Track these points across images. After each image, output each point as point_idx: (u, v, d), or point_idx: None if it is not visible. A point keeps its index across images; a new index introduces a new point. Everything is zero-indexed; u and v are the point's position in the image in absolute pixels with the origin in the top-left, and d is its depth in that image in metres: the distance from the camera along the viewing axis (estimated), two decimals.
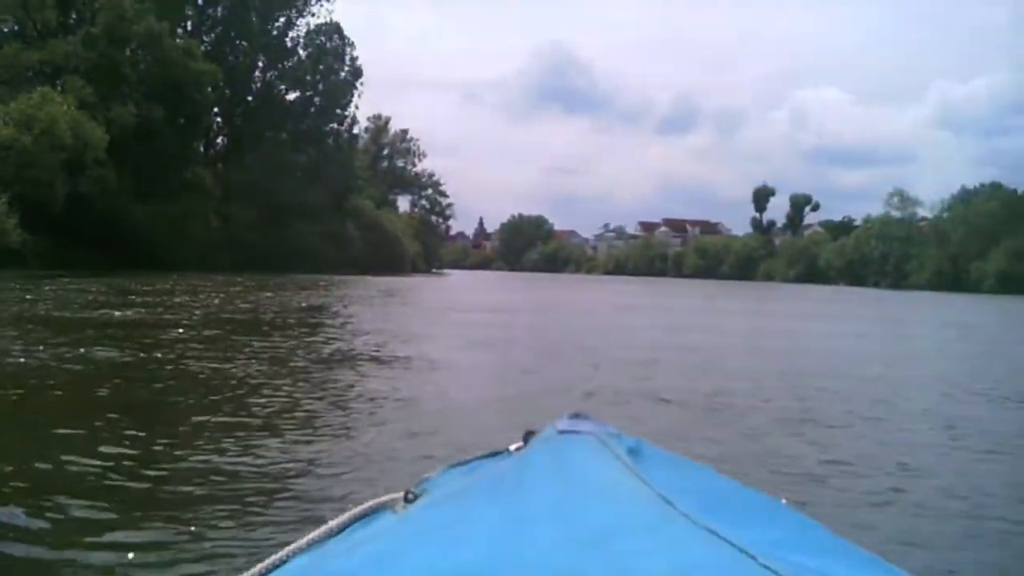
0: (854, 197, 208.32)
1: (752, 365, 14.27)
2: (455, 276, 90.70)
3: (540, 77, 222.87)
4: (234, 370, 10.70)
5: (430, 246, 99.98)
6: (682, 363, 14.26)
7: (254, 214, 57.64)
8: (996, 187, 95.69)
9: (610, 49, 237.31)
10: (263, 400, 8.70)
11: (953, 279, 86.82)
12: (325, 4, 70.55)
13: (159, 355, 11.73)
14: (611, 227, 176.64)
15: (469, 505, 1.29)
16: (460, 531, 1.15)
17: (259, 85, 69.34)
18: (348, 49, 71.39)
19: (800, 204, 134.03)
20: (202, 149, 64.15)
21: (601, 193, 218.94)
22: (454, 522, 1.20)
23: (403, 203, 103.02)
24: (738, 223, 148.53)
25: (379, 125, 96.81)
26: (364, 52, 72.63)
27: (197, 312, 19.94)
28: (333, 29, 70.48)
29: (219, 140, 68.93)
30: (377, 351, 13.86)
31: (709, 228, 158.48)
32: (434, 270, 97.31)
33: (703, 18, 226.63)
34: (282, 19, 68.81)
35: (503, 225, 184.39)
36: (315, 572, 1.15)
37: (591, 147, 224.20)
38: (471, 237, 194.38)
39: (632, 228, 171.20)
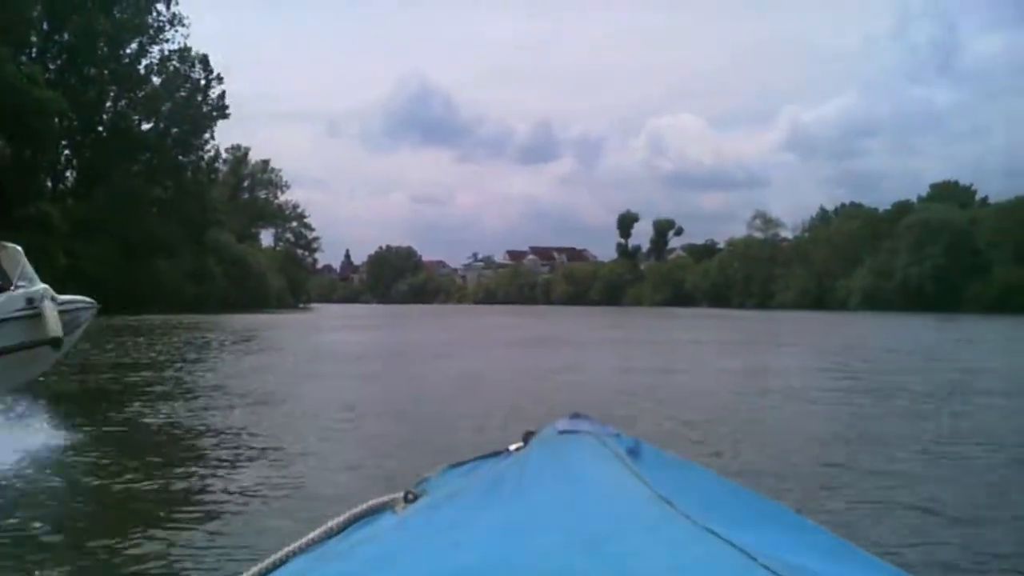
0: (715, 220, 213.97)
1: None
2: (323, 310, 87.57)
3: (402, 107, 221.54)
4: None
5: (296, 280, 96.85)
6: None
7: (106, 251, 53.85)
8: (856, 207, 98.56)
9: (471, 79, 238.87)
10: None
11: (818, 298, 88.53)
12: (180, 29, 67.17)
13: None
14: (479, 256, 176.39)
15: (469, 505, 1.31)
16: (460, 532, 1.16)
17: (110, 115, 65.33)
18: (209, 78, 68.23)
19: (664, 229, 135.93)
20: (49, 183, 59.85)
21: (468, 223, 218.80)
22: (454, 523, 1.22)
23: (267, 237, 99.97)
24: (604, 249, 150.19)
25: (238, 156, 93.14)
26: (226, 82, 69.24)
27: None
28: (195, 58, 67.24)
29: (68, 173, 64.52)
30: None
31: (576, 255, 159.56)
32: (301, 305, 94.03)
33: (560, 49, 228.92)
34: (134, 45, 65.12)
35: (371, 257, 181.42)
36: (315, 572, 1.16)
37: (456, 177, 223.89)
38: (338, 270, 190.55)
39: (500, 257, 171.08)
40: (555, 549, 1.01)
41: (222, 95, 68.94)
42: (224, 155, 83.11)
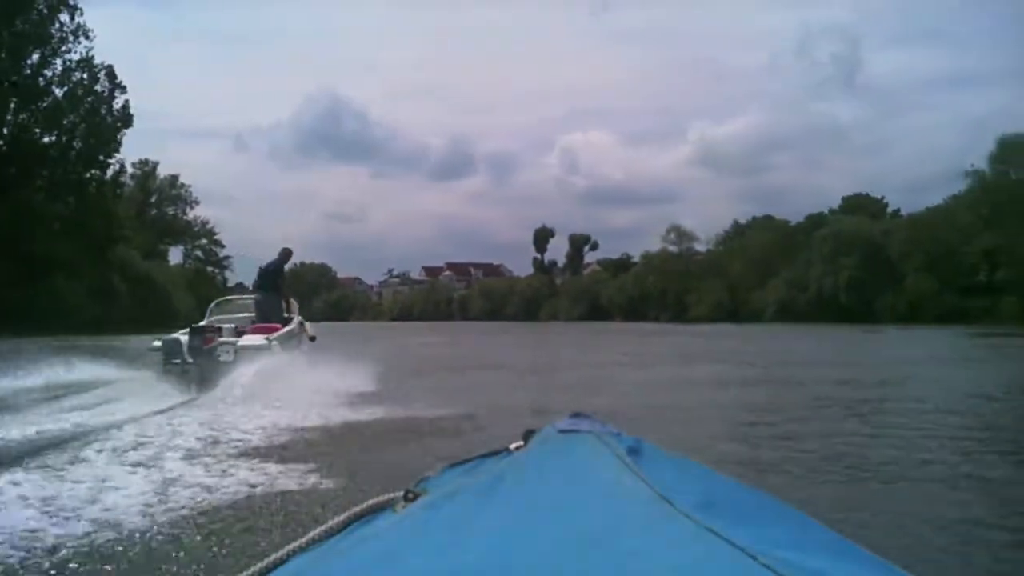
0: (629, 235, 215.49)
1: None
2: None
3: (314, 123, 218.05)
4: None
5: (207, 298, 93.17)
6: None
7: (3, 270, 51.32)
8: (768, 219, 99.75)
9: (384, 95, 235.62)
10: None
11: (733, 310, 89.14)
12: (84, 41, 64.56)
13: None
14: (395, 273, 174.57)
15: (469, 504, 1.31)
16: (460, 530, 1.16)
17: (10, 128, 62.47)
18: (116, 91, 65.69)
19: (579, 244, 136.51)
20: None
21: (383, 239, 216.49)
22: (454, 521, 1.23)
23: (176, 254, 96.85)
24: (520, 265, 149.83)
25: (146, 171, 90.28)
26: (134, 97, 66.81)
27: None
28: (100, 69, 64.66)
29: None
30: None
31: (492, 270, 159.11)
32: None
33: (472, 65, 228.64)
34: (35, 56, 62.40)
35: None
36: (315, 571, 1.17)
37: (370, 193, 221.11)
38: (251, 288, 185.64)
39: (416, 273, 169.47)
40: (555, 548, 1.02)
41: (126, 105, 66.44)
42: (131, 170, 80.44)
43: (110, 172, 68.76)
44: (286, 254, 18.50)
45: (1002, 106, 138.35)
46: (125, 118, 66.95)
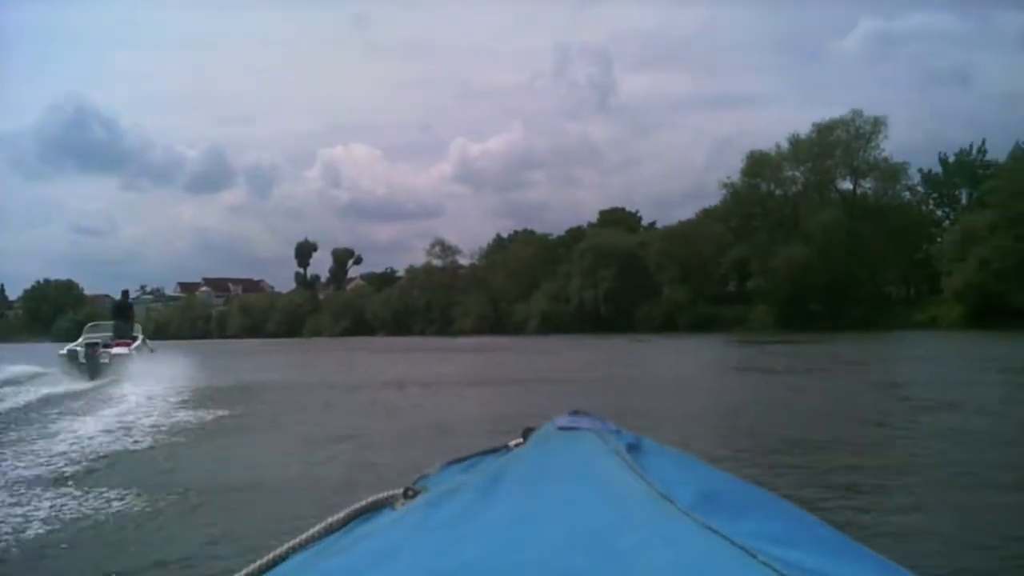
0: (393, 250, 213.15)
1: None
2: None
3: (59, 132, 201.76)
4: None
5: None
6: None
7: None
8: (530, 233, 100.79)
9: (136, 104, 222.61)
10: None
11: (497, 322, 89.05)
12: None
13: None
14: (148, 289, 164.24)
15: (468, 502, 1.31)
16: (459, 528, 1.17)
17: None
18: None
19: (343, 258, 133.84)
20: None
21: (135, 254, 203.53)
22: (453, 518, 1.23)
23: None
24: (282, 280, 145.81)
25: None
26: None
27: None
28: None
29: None
30: None
31: (252, 286, 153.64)
32: None
33: (231, 75, 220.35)
34: None
35: (27, 292, 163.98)
36: (314, 568, 1.18)
37: (120, 206, 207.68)
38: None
39: (171, 289, 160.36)
40: (554, 545, 1.03)
41: None
42: None
43: None
44: (126, 294, 30.61)
45: (740, 128, 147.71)
46: None
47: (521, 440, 1.67)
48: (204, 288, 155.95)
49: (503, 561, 1.00)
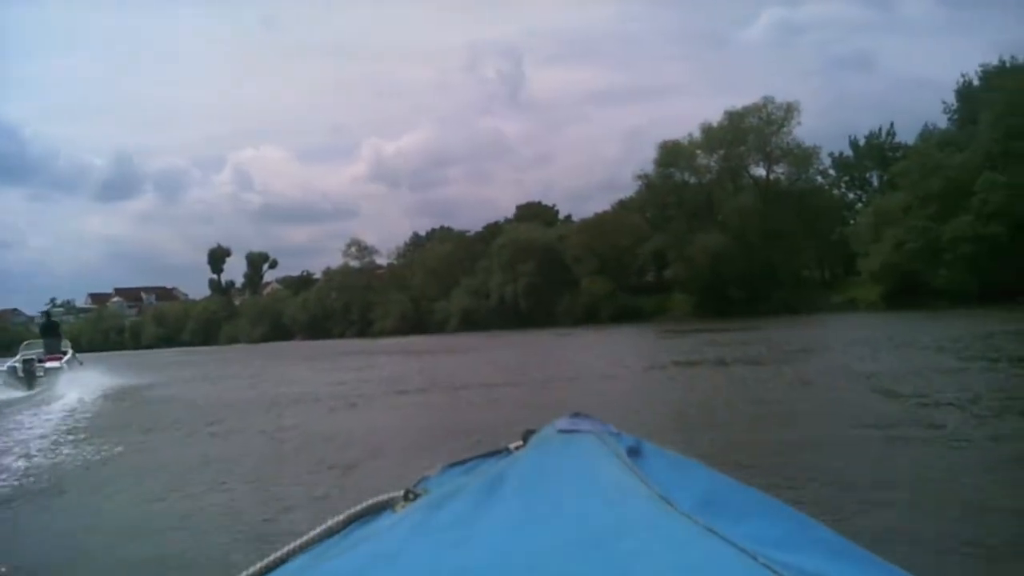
0: (309, 252, 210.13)
1: None
2: None
3: None
4: None
5: None
6: None
7: None
8: (447, 231, 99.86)
9: (43, 114, 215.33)
10: None
11: (418, 321, 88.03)
12: None
13: None
14: (58, 302, 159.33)
15: (469, 504, 1.31)
16: (460, 530, 1.18)
17: None
18: None
19: (257, 262, 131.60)
20: None
21: (43, 266, 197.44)
22: (454, 521, 1.23)
23: None
24: (196, 287, 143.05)
25: None
26: None
27: None
28: None
29: None
30: None
31: (166, 294, 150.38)
32: None
33: (140, 82, 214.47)
34: None
35: None
36: (314, 570, 1.19)
37: (25, 217, 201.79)
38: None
39: (82, 301, 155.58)
40: (555, 548, 1.03)
41: None
42: None
43: None
44: (48, 314, 34.73)
45: (652, 120, 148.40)
46: None
47: (521, 443, 1.66)
48: (116, 299, 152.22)
49: (503, 564, 1.01)
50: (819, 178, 73.19)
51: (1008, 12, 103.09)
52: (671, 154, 72.04)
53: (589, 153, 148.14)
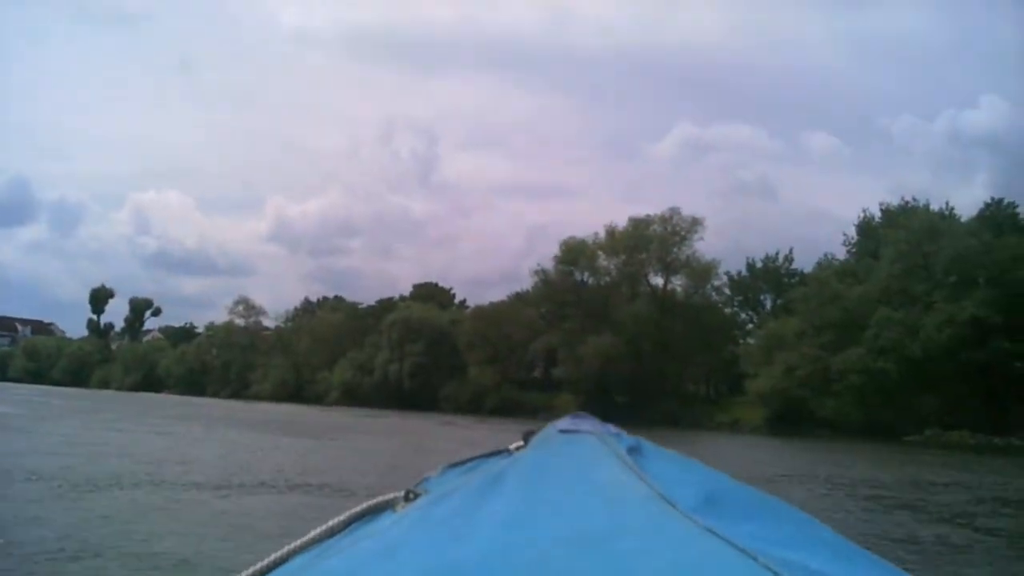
0: (196, 304, 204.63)
1: None
2: None
3: None
4: None
5: None
6: None
7: None
8: (340, 300, 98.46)
9: None
10: None
11: (297, 389, 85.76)
12: None
13: None
14: None
15: (469, 504, 1.32)
16: (460, 530, 1.17)
17: None
18: None
19: (141, 308, 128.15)
20: None
21: None
22: (454, 521, 1.23)
23: None
24: (75, 325, 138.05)
25: None
26: None
27: None
28: None
29: None
30: None
31: (42, 328, 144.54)
32: None
33: (42, 105, 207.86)
34: None
35: None
36: (316, 570, 1.19)
37: None
38: None
39: None
40: (555, 547, 1.03)
41: None
42: None
43: None
44: None
45: (556, 218, 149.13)
46: None
47: (522, 443, 1.68)
48: None
49: (503, 560, 1.00)
50: (714, 294, 73.94)
51: (911, 157, 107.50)
52: (573, 252, 71.96)
53: (493, 241, 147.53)
